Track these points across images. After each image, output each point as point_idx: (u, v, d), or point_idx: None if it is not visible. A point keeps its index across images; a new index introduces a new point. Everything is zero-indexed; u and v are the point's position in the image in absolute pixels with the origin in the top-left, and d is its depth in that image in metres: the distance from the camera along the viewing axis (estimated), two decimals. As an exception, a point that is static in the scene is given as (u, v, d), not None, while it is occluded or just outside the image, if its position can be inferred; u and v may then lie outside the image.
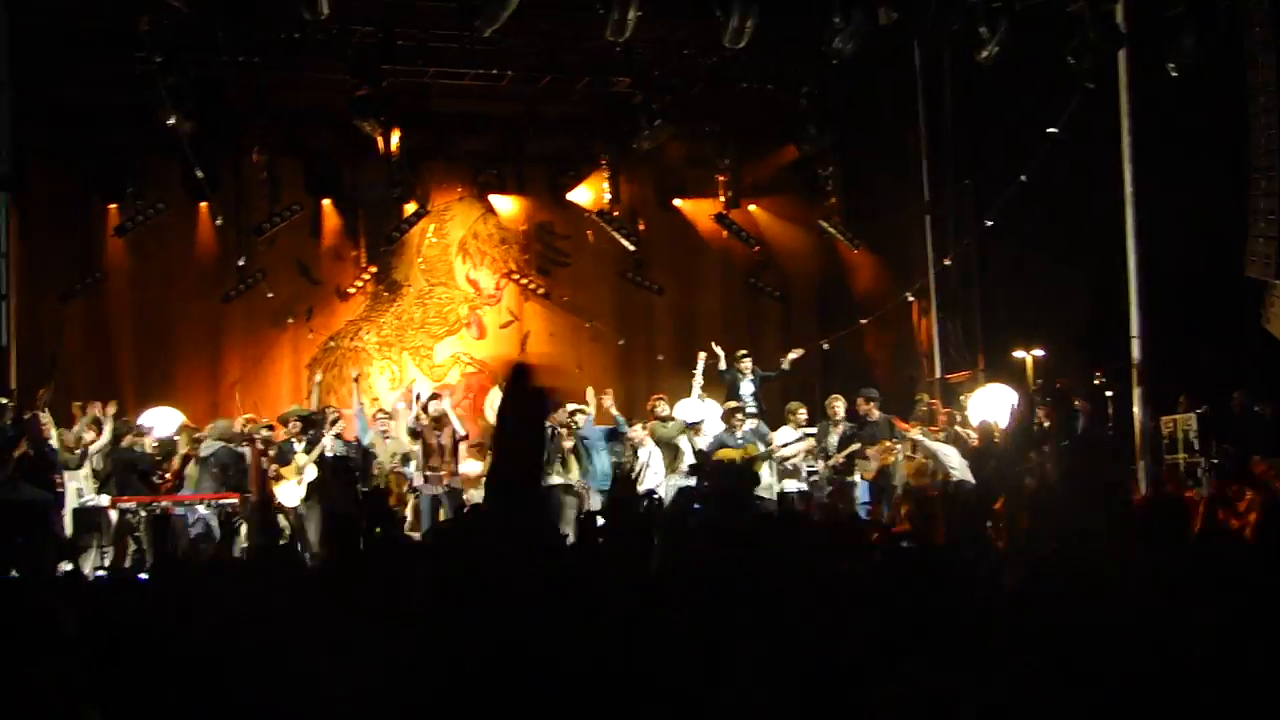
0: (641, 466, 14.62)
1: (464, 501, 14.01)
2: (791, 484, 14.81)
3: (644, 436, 14.92)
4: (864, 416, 15.12)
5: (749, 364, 16.28)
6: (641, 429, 15.05)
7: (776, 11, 14.64)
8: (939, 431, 14.86)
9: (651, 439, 14.87)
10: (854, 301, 19.70)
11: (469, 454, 15.35)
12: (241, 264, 17.94)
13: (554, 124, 19.75)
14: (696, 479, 12.42)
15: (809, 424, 15.36)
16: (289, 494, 14.28)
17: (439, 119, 19.18)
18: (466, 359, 19.84)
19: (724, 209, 20.47)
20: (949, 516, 7.21)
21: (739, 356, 16.34)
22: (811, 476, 15.21)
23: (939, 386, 18.16)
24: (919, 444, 14.37)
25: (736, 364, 16.22)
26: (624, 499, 4.22)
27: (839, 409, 15.23)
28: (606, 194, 19.83)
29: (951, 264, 18.10)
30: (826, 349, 18.61)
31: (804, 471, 15.19)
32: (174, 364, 18.37)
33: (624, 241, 19.66)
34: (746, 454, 14.24)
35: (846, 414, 15.23)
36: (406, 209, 19.04)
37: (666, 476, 14.55)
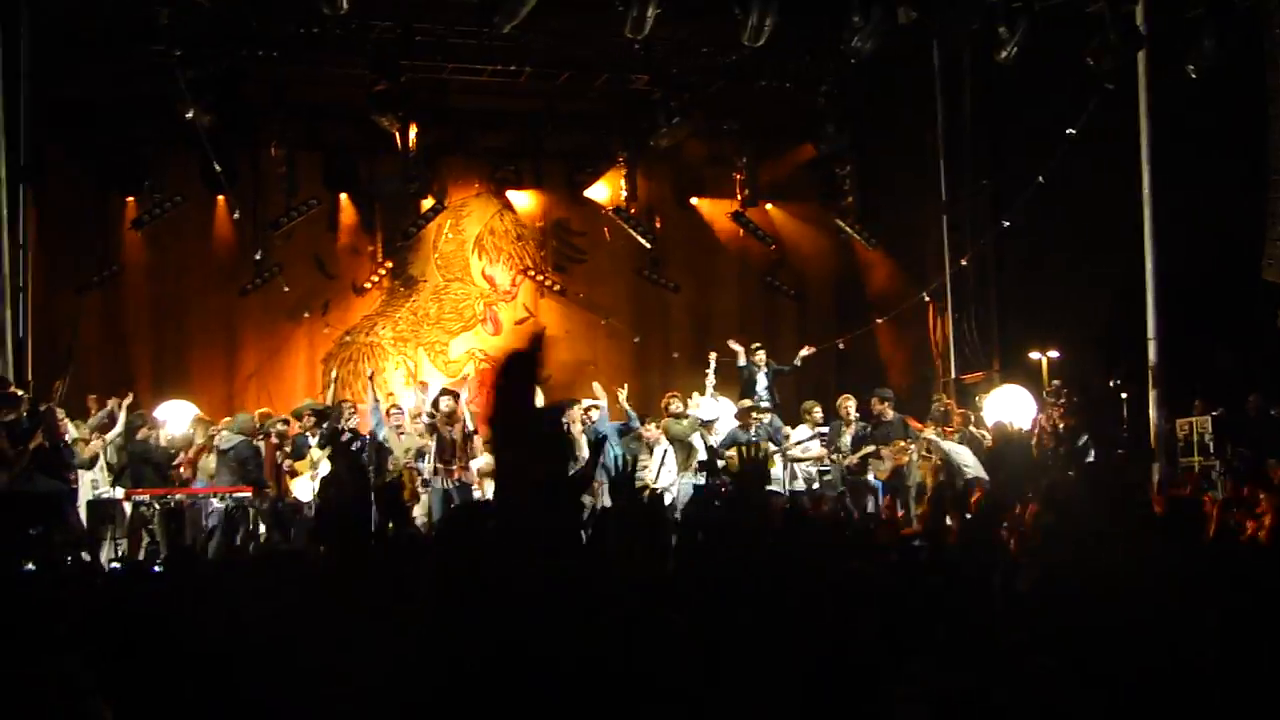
0: (655, 463, 14.60)
1: (473, 496, 14.03)
2: (802, 485, 14.82)
3: (659, 435, 14.92)
4: (878, 416, 15.10)
5: (763, 355, 16.39)
6: (655, 427, 15.06)
7: (795, 10, 14.66)
8: (954, 432, 14.83)
9: (665, 437, 14.88)
10: (870, 301, 19.70)
11: (483, 449, 15.35)
12: (258, 258, 17.99)
13: (572, 121, 19.78)
14: (707, 476, 12.41)
15: (824, 423, 15.39)
16: (303, 488, 14.31)
17: (457, 115, 19.18)
18: (481, 355, 19.85)
19: (741, 207, 20.48)
20: (962, 517, 7.20)
21: (754, 349, 16.45)
22: (825, 476, 15.20)
23: (954, 387, 18.12)
24: (933, 444, 14.34)
25: (751, 356, 16.30)
26: (624, 497, 4.20)
27: (850, 409, 15.24)
28: (624, 191, 19.86)
29: (968, 264, 18.06)
30: (842, 348, 18.61)
31: (815, 471, 15.19)
32: (189, 357, 18.44)
33: (640, 239, 19.68)
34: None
35: (860, 413, 15.23)
36: (423, 204, 19.11)
37: (680, 475, 14.55)
